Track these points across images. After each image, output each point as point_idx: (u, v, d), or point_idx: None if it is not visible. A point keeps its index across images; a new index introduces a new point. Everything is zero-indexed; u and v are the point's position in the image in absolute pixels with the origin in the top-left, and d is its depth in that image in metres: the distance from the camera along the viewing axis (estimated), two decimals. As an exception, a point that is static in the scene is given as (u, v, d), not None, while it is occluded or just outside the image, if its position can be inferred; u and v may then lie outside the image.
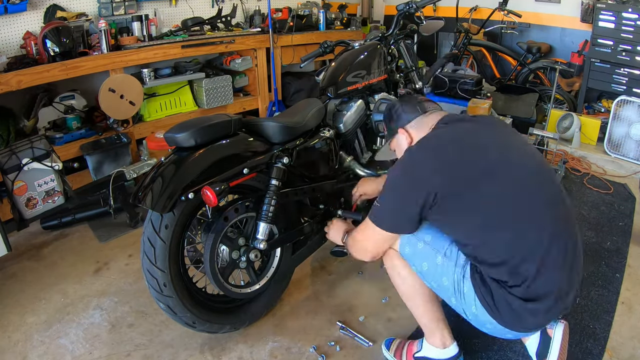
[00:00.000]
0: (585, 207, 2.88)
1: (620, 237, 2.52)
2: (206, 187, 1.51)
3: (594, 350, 1.76)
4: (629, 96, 3.41)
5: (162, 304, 1.64)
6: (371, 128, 2.24)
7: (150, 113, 3.43)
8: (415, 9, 2.39)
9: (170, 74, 3.43)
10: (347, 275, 2.26)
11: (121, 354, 1.80)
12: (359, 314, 1.99)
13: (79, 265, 2.37)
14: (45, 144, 2.37)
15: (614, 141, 3.54)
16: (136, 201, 1.54)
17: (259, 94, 4.05)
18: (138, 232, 2.66)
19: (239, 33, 3.77)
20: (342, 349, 1.81)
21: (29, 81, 2.63)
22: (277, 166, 1.75)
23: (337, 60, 2.21)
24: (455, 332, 1.85)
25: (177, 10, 3.79)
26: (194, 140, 1.58)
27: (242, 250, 1.74)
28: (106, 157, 2.90)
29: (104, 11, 3.22)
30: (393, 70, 2.46)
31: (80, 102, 3.09)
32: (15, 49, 2.92)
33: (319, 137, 1.98)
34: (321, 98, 2.15)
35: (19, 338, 1.89)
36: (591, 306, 1.99)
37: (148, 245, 1.57)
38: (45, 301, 2.11)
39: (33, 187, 2.29)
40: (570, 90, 4.32)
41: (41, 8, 3.01)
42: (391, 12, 5.50)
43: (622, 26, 3.60)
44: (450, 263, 1.43)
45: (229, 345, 1.83)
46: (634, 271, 2.25)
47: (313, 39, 4.19)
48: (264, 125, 1.81)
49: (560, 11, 4.38)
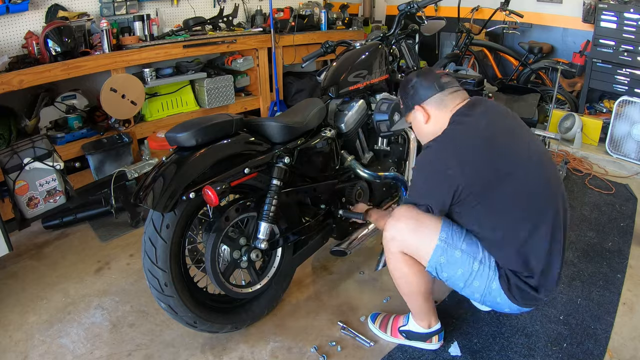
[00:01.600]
0: (586, 207, 2.87)
1: (621, 238, 2.52)
2: (207, 187, 1.51)
3: (595, 351, 1.75)
4: (630, 96, 3.41)
5: (163, 304, 1.64)
6: (372, 128, 2.24)
7: (151, 113, 3.43)
8: (416, 9, 2.38)
9: (171, 73, 3.43)
10: (349, 275, 2.26)
11: (122, 354, 1.80)
12: (360, 314, 1.99)
13: (80, 265, 2.38)
14: (47, 144, 2.37)
15: (615, 141, 3.53)
16: (137, 201, 1.54)
17: (261, 94, 4.05)
18: (139, 232, 2.66)
19: (240, 33, 3.77)
20: (343, 349, 1.80)
21: (31, 81, 2.64)
22: (278, 166, 1.75)
23: (339, 60, 2.21)
24: (456, 332, 1.86)
25: (179, 10, 3.79)
26: (195, 140, 1.58)
27: (243, 250, 1.74)
28: (107, 156, 2.90)
29: (106, 11, 3.22)
30: (394, 70, 2.46)
31: (82, 102, 3.10)
32: (16, 49, 2.93)
33: (320, 137, 1.97)
34: (322, 98, 2.15)
35: (20, 337, 1.89)
36: (592, 307, 1.99)
37: (149, 244, 1.58)
38: (46, 300, 2.11)
39: (34, 186, 2.29)
40: (572, 91, 4.31)
41: (43, 8, 3.01)
42: (393, 12, 5.50)
43: (623, 26, 3.60)
44: (485, 268, 1.50)
45: (230, 345, 1.84)
46: (635, 272, 2.24)
47: (314, 38, 4.19)
48: (265, 125, 1.81)
49: (561, 11, 4.38)
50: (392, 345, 1.81)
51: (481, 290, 1.51)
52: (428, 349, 1.77)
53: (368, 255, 2.41)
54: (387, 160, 2.33)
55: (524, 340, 1.81)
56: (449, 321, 1.91)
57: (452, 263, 1.50)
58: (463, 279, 1.51)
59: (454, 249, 1.49)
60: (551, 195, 1.48)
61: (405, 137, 2.34)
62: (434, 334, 1.75)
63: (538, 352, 1.76)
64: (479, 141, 1.45)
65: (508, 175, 1.42)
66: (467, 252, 1.49)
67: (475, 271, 1.49)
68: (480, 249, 1.50)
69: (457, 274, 1.51)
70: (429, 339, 1.75)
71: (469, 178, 1.40)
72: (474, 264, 1.49)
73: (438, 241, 1.49)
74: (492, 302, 1.56)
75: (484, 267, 1.49)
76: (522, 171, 1.44)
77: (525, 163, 1.45)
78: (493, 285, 1.49)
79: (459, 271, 1.50)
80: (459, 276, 1.51)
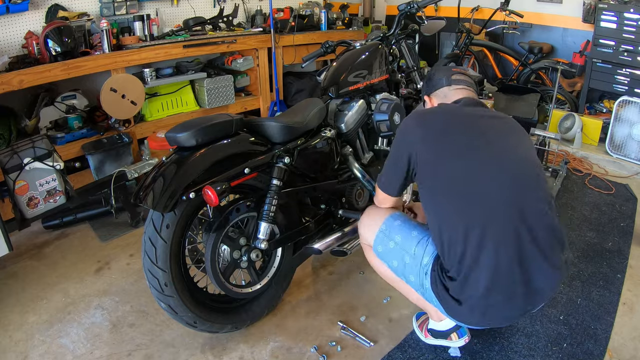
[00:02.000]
0: (586, 207, 2.87)
1: (621, 238, 2.52)
2: (207, 187, 1.51)
3: (595, 351, 1.76)
4: (630, 96, 3.41)
5: (163, 304, 1.64)
6: (372, 128, 2.24)
7: (151, 113, 3.43)
8: (416, 8, 2.38)
9: (171, 73, 3.43)
10: (349, 275, 2.26)
11: (122, 354, 1.80)
12: (360, 314, 1.99)
13: (80, 265, 2.38)
14: (47, 144, 2.37)
15: (615, 141, 3.53)
16: (137, 201, 1.54)
17: (261, 94, 4.05)
18: (139, 232, 2.66)
19: (240, 33, 3.77)
20: (344, 349, 1.80)
21: (31, 81, 2.64)
22: (278, 166, 1.75)
23: (339, 60, 2.21)
24: (456, 332, 1.85)
25: (179, 10, 3.79)
26: (195, 140, 1.58)
27: (243, 250, 1.74)
28: (107, 156, 2.90)
29: (106, 11, 3.22)
30: (394, 70, 2.46)
31: (82, 102, 3.10)
32: (16, 49, 2.93)
33: (320, 137, 1.97)
34: (322, 98, 2.15)
35: (20, 337, 1.89)
36: (592, 307, 1.99)
37: (149, 244, 1.58)
38: (46, 300, 2.11)
39: (34, 186, 2.29)
40: (572, 91, 4.31)
41: (43, 8, 3.01)
42: (393, 12, 5.50)
43: (623, 26, 3.60)
44: (417, 263, 1.52)
45: (230, 345, 1.84)
46: (635, 272, 2.24)
47: (315, 38, 4.19)
48: (265, 125, 1.81)
49: (561, 11, 4.38)
50: (392, 345, 1.81)
51: (419, 287, 1.55)
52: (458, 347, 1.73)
53: (368, 255, 2.41)
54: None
55: (524, 340, 1.81)
56: (449, 321, 1.91)
57: (387, 253, 1.60)
58: (401, 272, 1.58)
59: (389, 239, 1.59)
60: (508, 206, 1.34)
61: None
62: (450, 331, 1.70)
63: (538, 352, 1.76)
64: (450, 117, 1.49)
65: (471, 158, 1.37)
66: (400, 245, 1.56)
67: (407, 264, 1.54)
68: (414, 244, 1.52)
69: (393, 265, 1.60)
70: (449, 336, 1.70)
71: (423, 140, 1.43)
72: (405, 257, 1.55)
73: (378, 231, 1.62)
74: (437, 306, 1.50)
75: (414, 262, 1.52)
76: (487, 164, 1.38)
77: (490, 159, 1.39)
78: (426, 284, 1.50)
79: (394, 262, 1.59)
80: (396, 268, 1.59)
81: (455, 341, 1.71)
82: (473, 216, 1.35)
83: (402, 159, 1.48)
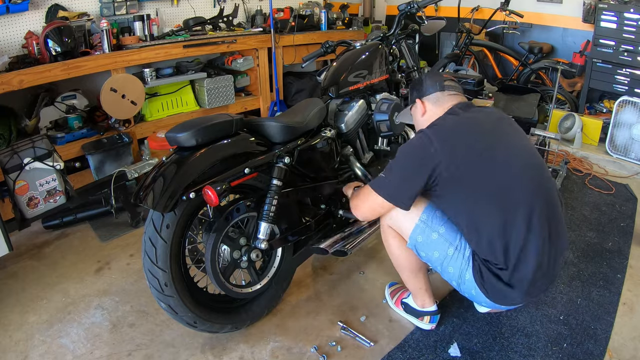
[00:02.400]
0: (586, 207, 2.87)
1: (621, 238, 2.52)
2: (207, 187, 1.51)
3: (595, 351, 1.76)
4: (630, 96, 3.41)
5: (163, 304, 1.64)
6: (372, 128, 2.24)
7: (151, 113, 3.43)
8: (416, 8, 2.39)
9: (171, 73, 3.43)
10: (349, 275, 2.26)
11: (122, 354, 1.80)
12: (360, 314, 1.99)
13: (80, 265, 2.38)
14: (47, 144, 2.37)
15: (615, 142, 3.53)
16: (137, 201, 1.54)
17: (261, 94, 4.05)
18: (139, 232, 2.66)
19: (240, 33, 3.77)
20: (344, 349, 1.80)
21: (31, 81, 2.64)
22: (278, 166, 1.75)
23: (339, 60, 2.21)
24: (456, 332, 1.86)
25: (179, 10, 3.79)
26: (195, 140, 1.58)
27: (243, 250, 1.74)
28: (108, 156, 2.90)
29: (106, 11, 3.22)
30: (394, 70, 2.46)
31: (82, 102, 3.09)
32: (17, 49, 2.93)
33: (320, 137, 1.98)
34: (323, 98, 2.15)
35: (20, 337, 1.89)
36: (592, 307, 1.99)
37: (149, 244, 1.58)
38: (46, 300, 2.11)
39: (34, 186, 2.29)
40: (572, 91, 4.31)
41: (43, 8, 3.01)
42: (393, 12, 5.50)
43: (623, 26, 3.60)
44: (460, 255, 1.57)
45: (230, 345, 1.84)
46: (635, 272, 2.24)
47: (315, 38, 4.19)
48: (265, 125, 1.81)
49: (562, 11, 4.38)
50: (392, 345, 1.81)
51: (456, 278, 1.60)
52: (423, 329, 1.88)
53: (368, 255, 2.41)
54: (387, 160, 2.33)
55: (524, 340, 1.81)
56: (449, 321, 1.91)
57: (428, 244, 1.61)
58: (439, 262, 1.61)
59: (432, 230, 1.61)
60: (533, 194, 1.50)
61: (405, 137, 2.34)
62: (426, 314, 1.86)
63: (538, 352, 1.76)
64: (464, 128, 1.55)
65: (489, 160, 1.49)
66: (444, 237, 1.59)
67: (450, 256, 1.58)
68: (458, 237, 1.59)
69: (433, 256, 1.62)
70: (422, 317, 1.87)
71: (450, 156, 1.47)
72: (449, 249, 1.58)
73: (418, 221, 1.62)
74: (468, 294, 1.62)
75: (458, 254, 1.57)
76: (504, 161, 1.50)
77: (509, 157, 1.51)
78: (466, 276, 1.56)
79: (435, 253, 1.61)
80: (436, 259, 1.62)
81: (425, 324, 1.87)
82: (509, 212, 1.47)
83: (422, 173, 1.50)
